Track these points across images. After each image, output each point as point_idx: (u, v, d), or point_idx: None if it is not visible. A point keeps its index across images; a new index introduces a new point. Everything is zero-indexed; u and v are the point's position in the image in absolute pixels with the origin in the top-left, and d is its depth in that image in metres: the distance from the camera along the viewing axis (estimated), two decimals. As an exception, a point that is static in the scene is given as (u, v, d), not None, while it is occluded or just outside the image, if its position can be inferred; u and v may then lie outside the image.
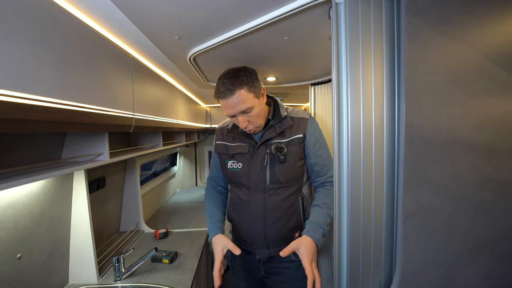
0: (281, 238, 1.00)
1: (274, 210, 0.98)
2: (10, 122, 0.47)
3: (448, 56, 0.56)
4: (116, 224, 1.53)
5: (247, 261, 1.11)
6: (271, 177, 0.97)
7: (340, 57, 0.59)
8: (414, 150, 0.56)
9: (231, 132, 1.06)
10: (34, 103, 0.52)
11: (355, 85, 0.59)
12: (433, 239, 0.59)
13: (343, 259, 0.62)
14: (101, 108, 0.76)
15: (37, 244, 0.92)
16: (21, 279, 0.85)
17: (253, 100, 0.90)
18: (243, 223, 1.05)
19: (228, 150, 1.06)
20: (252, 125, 0.95)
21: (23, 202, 0.86)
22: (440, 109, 0.57)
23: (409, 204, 0.57)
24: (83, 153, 0.92)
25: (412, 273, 0.59)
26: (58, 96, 0.59)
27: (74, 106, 0.64)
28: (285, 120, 1.00)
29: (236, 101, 0.88)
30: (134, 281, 1.10)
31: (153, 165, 2.38)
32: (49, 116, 0.56)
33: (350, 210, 0.59)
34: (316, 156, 1.01)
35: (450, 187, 0.58)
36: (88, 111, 0.70)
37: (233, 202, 1.08)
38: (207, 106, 2.77)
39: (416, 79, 0.55)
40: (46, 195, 0.95)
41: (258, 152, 0.99)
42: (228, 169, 1.05)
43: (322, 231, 0.93)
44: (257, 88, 0.92)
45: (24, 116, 0.50)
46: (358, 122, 0.59)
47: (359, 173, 0.59)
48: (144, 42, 0.91)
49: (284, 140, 0.98)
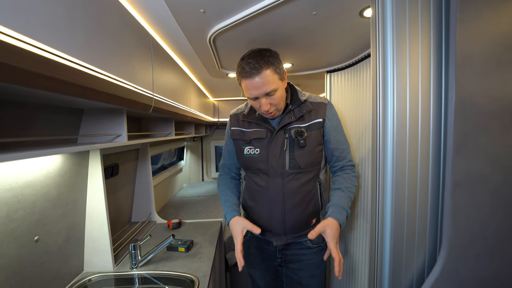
0: (299, 224, 0.99)
1: (293, 195, 0.97)
2: (39, 78, 0.44)
3: (501, 18, 0.53)
4: (128, 214, 1.50)
5: (262, 249, 1.09)
6: (290, 162, 0.96)
7: (385, 23, 0.56)
8: (464, 116, 0.54)
9: (247, 117, 1.03)
10: (64, 62, 0.49)
11: (401, 52, 0.56)
12: (482, 210, 0.56)
13: (386, 234, 0.58)
14: (125, 81, 0.74)
15: (54, 227, 0.89)
16: (37, 263, 0.81)
17: (277, 82, 0.88)
18: (261, 210, 1.02)
19: (244, 136, 1.03)
20: (274, 107, 0.92)
21: (41, 182, 0.82)
22: (492, 73, 0.54)
23: (458, 173, 0.54)
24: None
25: (460, 247, 0.56)
26: (86, 59, 0.56)
27: (100, 73, 0.61)
28: (305, 105, 0.98)
29: (262, 82, 0.86)
30: (150, 269, 1.07)
31: (160, 159, 2.35)
32: (77, 79, 0.53)
33: (395, 181, 0.56)
34: (336, 141, 1.00)
35: (501, 156, 0.55)
36: (113, 81, 0.67)
37: (250, 189, 1.05)
38: (215, 99, 2.75)
39: (468, 42, 0.52)
40: (63, 177, 0.92)
41: (277, 137, 0.97)
42: (245, 155, 1.02)
43: (345, 213, 0.94)
44: (282, 70, 0.91)
45: (54, 74, 0.47)
46: (404, 89, 0.56)
47: (405, 140, 0.56)
48: (165, 18, 0.88)
49: (304, 125, 0.97)
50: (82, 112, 0.91)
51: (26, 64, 0.41)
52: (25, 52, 0.41)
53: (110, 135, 0.89)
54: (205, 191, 2.59)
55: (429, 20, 0.56)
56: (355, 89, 1.31)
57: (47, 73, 0.46)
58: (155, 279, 1.04)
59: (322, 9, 0.80)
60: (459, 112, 0.53)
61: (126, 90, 0.75)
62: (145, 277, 1.05)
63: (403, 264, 0.59)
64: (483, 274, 0.58)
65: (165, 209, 2.01)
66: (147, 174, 1.55)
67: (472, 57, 0.53)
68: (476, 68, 0.53)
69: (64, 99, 0.64)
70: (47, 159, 0.86)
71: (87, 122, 0.91)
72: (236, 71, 0.92)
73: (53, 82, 0.48)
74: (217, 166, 3.29)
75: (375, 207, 0.61)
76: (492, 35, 0.53)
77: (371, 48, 0.62)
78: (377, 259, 0.60)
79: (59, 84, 0.49)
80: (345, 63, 1.37)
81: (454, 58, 0.53)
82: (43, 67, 0.44)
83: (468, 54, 0.53)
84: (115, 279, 1.04)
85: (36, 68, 0.43)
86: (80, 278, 1.00)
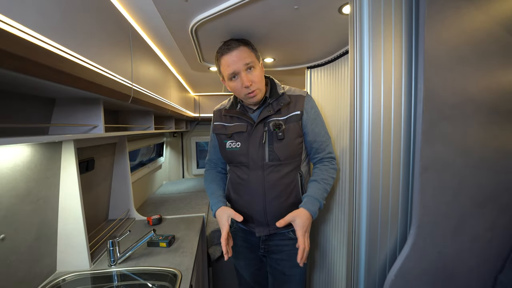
0: (280, 215, 1.00)
1: (274, 187, 0.99)
2: (10, 58, 0.41)
3: (463, 17, 0.59)
4: (105, 211, 1.43)
5: (247, 240, 1.11)
6: (269, 155, 0.98)
7: (362, 20, 0.60)
8: (431, 106, 0.59)
9: (229, 112, 1.05)
10: (37, 42, 0.46)
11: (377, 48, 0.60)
12: (446, 192, 0.62)
13: (362, 218, 0.63)
14: (103, 68, 0.70)
15: (23, 224, 0.83)
16: (4, 263, 0.75)
17: (255, 59, 0.96)
18: (243, 202, 1.04)
19: (226, 130, 1.05)
20: (256, 85, 0.95)
21: (7, 175, 0.76)
22: (455, 68, 0.59)
23: (425, 159, 0.59)
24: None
25: (427, 226, 0.61)
26: (61, 42, 0.53)
27: (77, 58, 0.58)
28: (282, 98, 1.00)
29: (240, 55, 0.92)
30: (130, 266, 1.04)
31: (138, 155, 2.26)
32: (52, 61, 0.50)
33: (371, 167, 0.61)
34: (314, 133, 1.02)
35: (461, 143, 0.62)
36: (91, 68, 0.64)
37: (233, 182, 1.07)
38: (195, 94, 2.70)
39: (435, 40, 0.58)
40: (33, 170, 0.86)
41: (257, 130, 0.99)
42: (227, 149, 1.04)
43: (318, 204, 0.96)
44: (258, 54, 0.99)
45: (26, 54, 0.44)
46: (379, 82, 0.60)
47: (379, 130, 0.60)
48: (146, 6, 0.85)
49: (282, 118, 0.99)
50: (54, 102, 0.85)
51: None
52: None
53: (85, 125, 0.84)
54: (185, 187, 2.55)
55: (401, 19, 0.61)
56: (334, 84, 1.37)
57: (20, 53, 0.43)
58: (136, 276, 1.01)
59: (304, 3, 0.82)
60: (427, 103, 0.58)
61: (105, 78, 0.72)
62: (125, 274, 1.01)
63: (377, 246, 0.64)
64: (446, 250, 0.64)
65: (144, 206, 1.95)
66: (125, 169, 1.49)
67: (438, 53, 0.58)
68: (442, 63, 0.59)
69: (36, 85, 0.60)
70: (14, 150, 0.79)
71: (59, 113, 0.86)
72: (215, 55, 0.98)
73: (25, 63, 0.44)
74: (198, 163, 3.23)
75: (352, 193, 0.65)
76: (455, 34, 0.59)
77: (349, 43, 0.66)
78: (354, 244, 0.64)
79: (32, 66, 0.46)
80: (324, 59, 1.42)
81: (422, 53, 0.58)
82: (14, 46, 0.41)
83: (435, 51, 0.58)
84: (92, 277, 0.99)
85: (5, 46, 0.40)
86: (53, 278, 0.94)
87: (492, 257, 0.69)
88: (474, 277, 0.68)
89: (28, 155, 0.84)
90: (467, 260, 0.66)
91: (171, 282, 0.95)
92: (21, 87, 0.63)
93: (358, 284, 0.65)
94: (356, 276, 0.65)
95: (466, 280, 0.67)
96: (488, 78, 0.63)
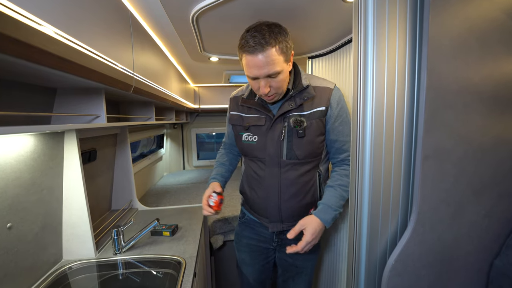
0: (295, 213, 0.97)
1: (290, 186, 0.94)
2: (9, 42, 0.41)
3: (467, 5, 0.58)
4: (108, 201, 1.45)
5: (258, 233, 1.08)
6: (287, 152, 0.92)
7: (367, 7, 0.59)
8: (433, 95, 0.59)
9: (246, 102, 0.97)
10: (38, 27, 0.45)
11: (381, 36, 0.60)
12: (446, 180, 0.63)
13: (364, 205, 0.64)
14: (105, 56, 0.70)
15: (29, 214, 0.84)
16: (12, 251, 0.77)
17: (282, 64, 0.80)
18: (257, 198, 1.01)
19: (243, 122, 0.99)
20: (274, 91, 0.85)
21: (11, 165, 0.77)
22: (457, 56, 0.59)
23: (426, 147, 0.60)
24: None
25: (427, 212, 0.63)
26: (63, 28, 0.52)
27: (80, 46, 0.58)
28: (307, 91, 0.90)
29: (265, 61, 0.77)
30: (135, 254, 1.06)
31: (139, 147, 2.27)
32: (55, 48, 0.50)
33: (373, 154, 0.61)
34: (337, 131, 0.93)
35: (461, 131, 0.62)
36: (93, 56, 0.64)
37: (248, 175, 1.04)
38: (195, 85, 2.68)
39: (439, 27, 0.57)
40: (37, 160, 0.86)
41: (275, 125, 0.92)
42: (243, 142, 0.99)
43: (333, 213, 0.90)
44: (289, 50, 0.82)
45: (27, 39, 0.43)
46: (383, 71, 0.60)
47: (382, 118, 0.61)
48: (145, -7, 0.84)
49: (304, 113, 0.90)
50: (55, 93, 0.85)
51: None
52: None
53: (87, 115, 0.84)
54: (186, 179, 2.57)
55: (406, 6, 0.60)
56: (335, 74, 1.36)
57: (19, 37, 0.42)
58: (140, 263, 1.03)
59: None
60: (429, 91, 0.59)
61: (107, 67, 0.71)
62: (130, 262, 1.04)
63: (378, 232, 0.66)
64: (445, 236, 0.66)
65: (146, 197, 1.96)
66: (127, 160, 1.50)
67: (441, 41, 0.58)
68: (445, 51, 0.59)
69: (38, 73, 0.59)
70: (18, 140, 0.80)
71: (61, 104, 0.86)
72: (238, 44, 0.81)
73: (26, 48, 0.44)
74: (199, 154, 3.25)
75: (354, 180, 0.66)
76: (459, 22, 0.59)
77: (353, 31, 0.65)
78: (356, 230, 0.66)
79: (34, 53, 0.46)
80: (326, 49, 1.41)
81: (427, 41, 0.57)
82: (14, 30, 0.41)
83: (439, 39, 0.58)
84: (98, 265, 1.02)
85: (5, 30, 0.39)
86: (60, 266, 0.96)
87: (489, 243, 0.71)
88: (471, 261, 0.70)
89: (31, 145, 0.84)
90: (464, 245, 0.68)
91: (175, 269, 0.97)
92: (22, 76, 0.63)
93: (359, 270, 0.67)
94: (357, 262, 0.67)
95: (464, 264, 0.69)
96: (491, 66, 0.63)
